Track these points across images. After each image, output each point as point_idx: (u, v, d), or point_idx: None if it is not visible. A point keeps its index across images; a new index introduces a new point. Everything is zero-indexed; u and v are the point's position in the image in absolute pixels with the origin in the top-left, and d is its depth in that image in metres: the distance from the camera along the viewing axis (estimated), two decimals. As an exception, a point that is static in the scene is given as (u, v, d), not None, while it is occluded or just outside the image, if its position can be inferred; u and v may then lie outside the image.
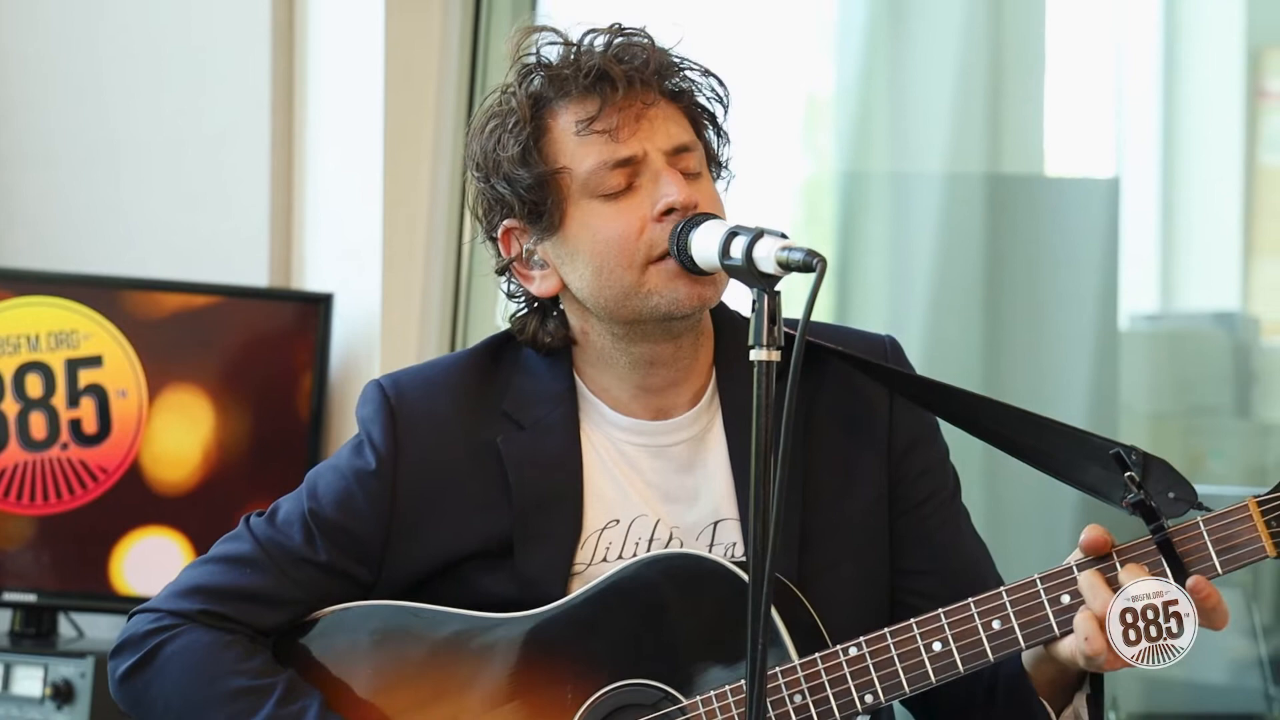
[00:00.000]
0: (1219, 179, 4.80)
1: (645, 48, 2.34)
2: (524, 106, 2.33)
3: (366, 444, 2.43)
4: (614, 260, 2.32)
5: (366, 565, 2.42)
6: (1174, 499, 2.24)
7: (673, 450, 2.42)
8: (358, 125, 3.99)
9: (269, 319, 3.95)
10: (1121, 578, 2.20)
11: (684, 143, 2.34)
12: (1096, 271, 4.45)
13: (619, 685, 2.33)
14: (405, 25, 3.95)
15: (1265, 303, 4.76)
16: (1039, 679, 2.30)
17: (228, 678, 2.37)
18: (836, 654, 2.27)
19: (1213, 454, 4.54)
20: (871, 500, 2.42)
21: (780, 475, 2.05)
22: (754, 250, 2.15)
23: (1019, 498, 4.15)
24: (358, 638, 2.41)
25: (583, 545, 2.40)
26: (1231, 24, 4.80)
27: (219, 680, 2.37)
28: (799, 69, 4.53)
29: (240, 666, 2.38)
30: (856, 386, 2.43)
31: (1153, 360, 4.65)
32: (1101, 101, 4.76)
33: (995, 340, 4.41)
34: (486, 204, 2.40)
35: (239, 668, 2.38)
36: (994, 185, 4.39)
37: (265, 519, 2.46)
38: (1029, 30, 4.50)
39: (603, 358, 2.41)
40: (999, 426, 2.38)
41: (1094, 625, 2.18)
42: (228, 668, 2.38)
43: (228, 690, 2.37)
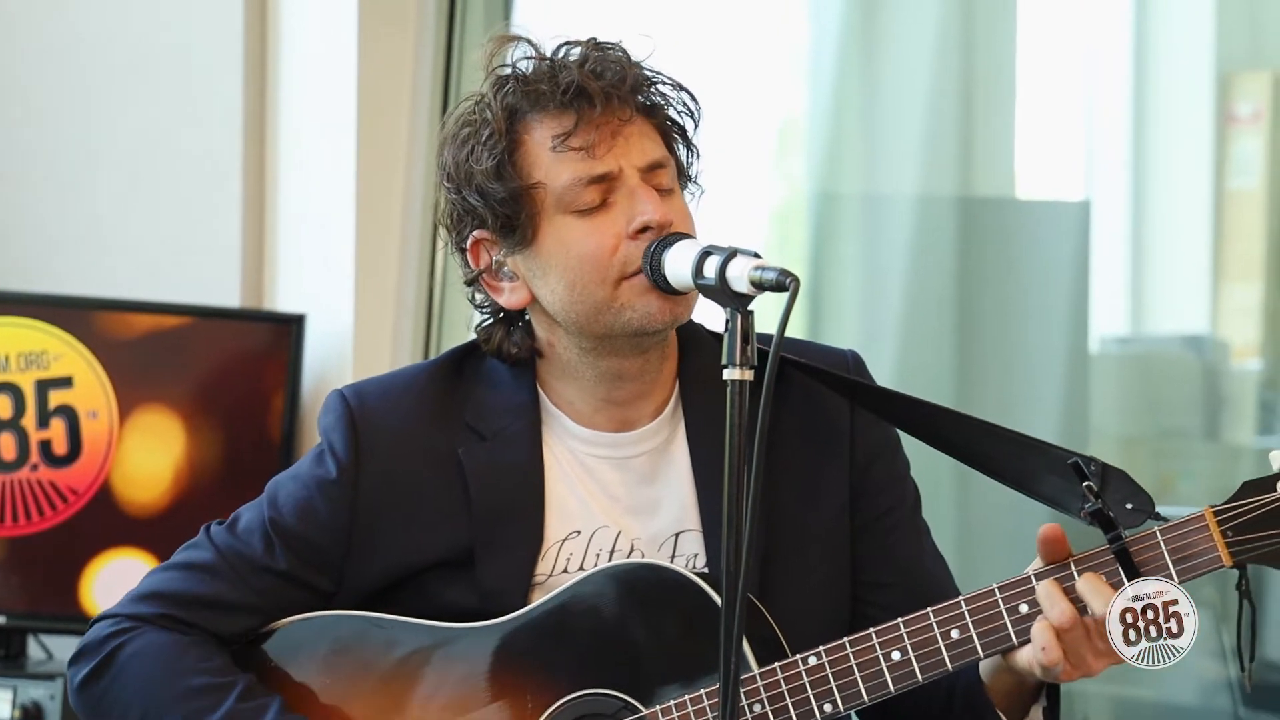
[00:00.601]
0: (1188, 203, 4.82)
1: (621, 62, 2.35)
2: (499, 119, 2.34)
3: (328, 453, 2.44)
4: (587, 276, 2.32)
5: (327, 575, 2.42)
6: (1131, 509, 2.24)
7: (635, 462, 2.42)
8: (331, 145, 4.00)
9: (241, 340, 3.96)
10: (1079, 587, 2.20)
11: (658, 159, 2.35)
12: (1067, 294, 4.47)
13: (578, 695, 2.33)
14: (378, 45, 3.96)
15: (1234, 326, 4.78)
16: (996, 690, 2.30)
17: (188, 675, 2.37)
18: (796, 663, 2.27)
19: (1182, 476, 4.55)
20: (833, 513, 2.42)
21: (753, 493, 2.06)
22: (727, 270, 2.16)
23: (988, 509, 4.17)
24: (317, 647, 2.41)
25: (543, 556, 2.40)
26: (1201, 49, 4.83)
27: (179, 678, 2.37)
28: (771, 92, 4.55)
29: (200, 665, 2.38)
30: (819, 400, 2.44)
31: (1123, 383, 4.67)
32: (1072, 125, 4.78)
33: (967, 363, 4.42)
34: (457, 215, 2.40)
35: (199, 666, 2.38)
36: (965, 208, 4.41)
37: (226, 528, 2.46)
38: (1000, 54, 4.53)
39: (568, 370, 2.41)
40: (959, 437, 2.39)
41: (1051, 635, 2.19)
42: (188, 666, 2.38)
43: (188, 687, 2.36)
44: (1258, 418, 4.68)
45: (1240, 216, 4.77)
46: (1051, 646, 2.18)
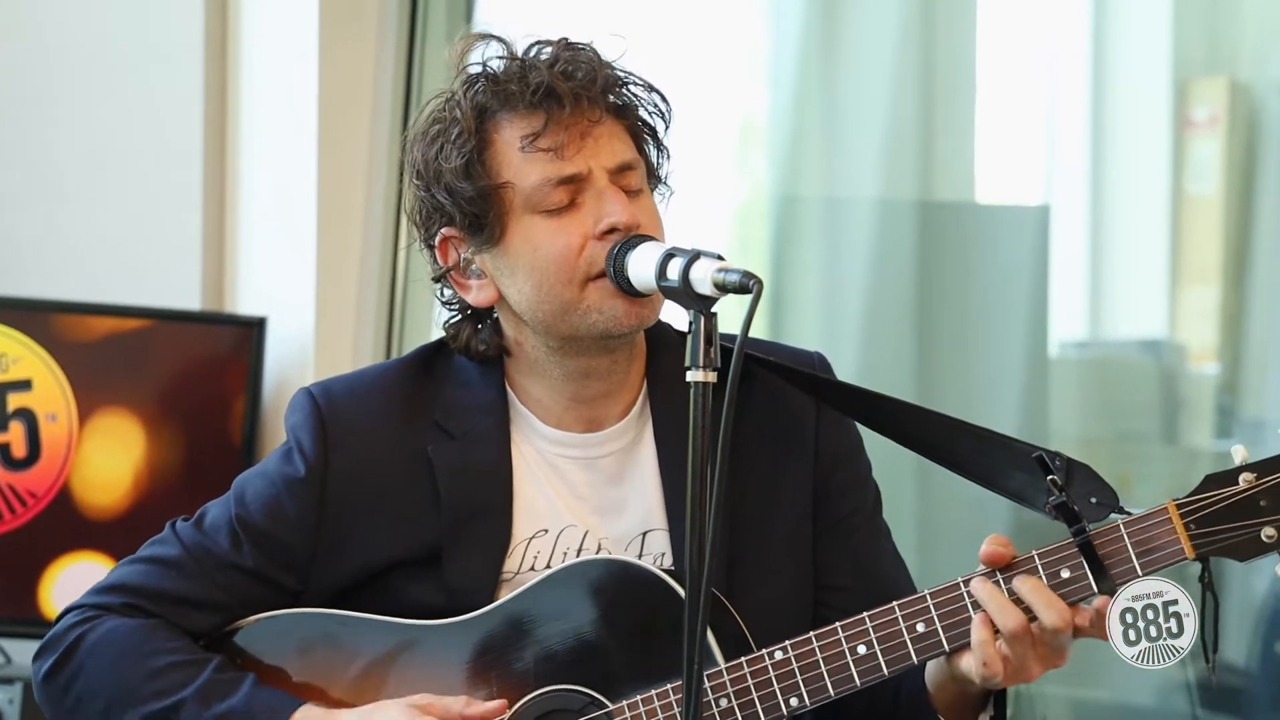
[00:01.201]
0: (1146, 207, 4.85)
1: (592, 63, 2.35)
2: (468, 118, 2.34)
3: (296, 451, 2.43)
4: (553, 276, 2.33)
5: (294, 573, 2.42)
6: (1096, 503, 2.26)
7: (602, 462, 2.43)
8: (292, 146, 3.99)
9: (201, 342, 3.95)
10: (1021, 592, 2.21)
11: (627, 160, 2.35)
12: (1026, 298, 4.49)
13: (545, 691, 2.33)
14: (340, 46, 3.96)
15: (1191, 330, 4.81)
16: (941, 700, 2.31)
17: (157, 655, 2.36)
18: (762, 658, 2.28)
19: (1140, 479, 4.58)
20: (797, 515, 2.43)
21: (718, 494, 2.06)
22: (690, 272, 2.17)
23: (948, 506, 4.19)
24: (284, 645, 2.40)
25: (511, 554, 2.40)
26: (1158, 55, 4.86)
27: (147, 659, 2.36)
28: (732, 95, 4.57)
29: (169, 645, 2.37)
30: (784, 400, 2.45)
31: (1081, 386, 4.69)
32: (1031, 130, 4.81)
33: (926, 366, 4.44)
34: (425, 212, 2.40)
35: (168, 645, 2.37)
36: (925, 212, 4.44)
37: (192, 524, 2.45)
38: (960, 58, 4.55)
39: (536, 368, 2.42)
40: (924, 433, 2.40)
41: (986, 632, 2.20)
42: (156, 646, 2.37)
43: (158, 666, 2.36)
44: (1215, 421, 4.71)
45: (1197, 221, 4.80)
46: (993, 661, 2.19)
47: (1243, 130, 4.75)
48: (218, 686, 2.34)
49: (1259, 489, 2.18)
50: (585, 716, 2.32)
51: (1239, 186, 4.75)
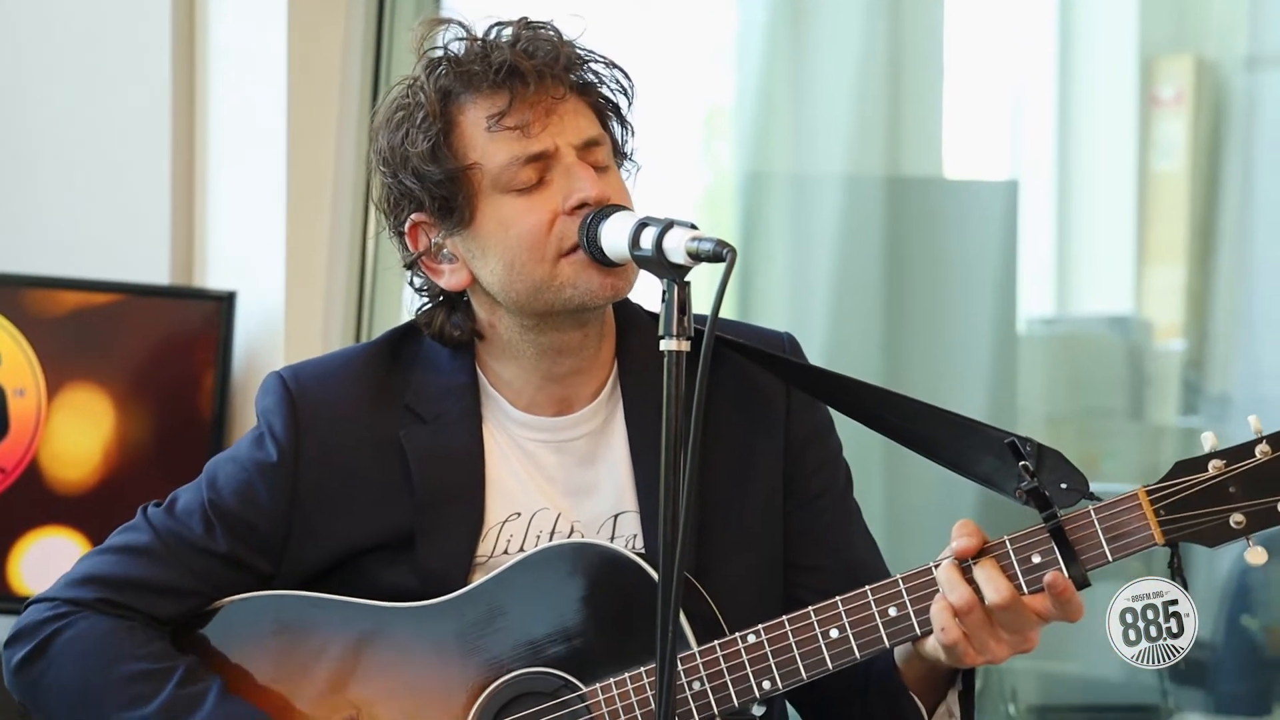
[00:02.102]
0: (1113, 184, 4.88)
1: (553, 41, 2.35)
2: (432, 101, 2.33)
3: (267, 436, 2.43)
4: (526, 254, 2.33)
5: (267, 557, 2.42)
6: (1066, 489, 2.27)
7: (574, 445, 2.43)
8: (260, 121, 3.98)
9: (170, 317, 3.93)
10: (975, 574, 2.22)
11: (593, 136, 2.35)
12: (994, 274, 4.51)
13: (518, 674, 2.34)
14: (308, 20, 3.94)
15: (1157, 307, 4.84)
16: (910, 676, 2.33)
17: (126, 662, 2.36)
18: (735, 641, 2.29)
19: (1106, 455, 4.61)
20: (767, 493, 2.44)
21: (691, 465, 2.07)
22: (664, 241, 2.16)
23: (917, 489, 4.21)
24: (257, 628, 2.41)
25: (484, 538, 2.40)
26: (1124, 33, 4.88)
27: (116, 665, 2.36)
28: (701, 73, 4.57)
29: (139, 651, 2.37)
30: (754, 380, 2.45)
31: (1049, 363, 4.72)
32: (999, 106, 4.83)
33: (895, 342, 4.46)
34: (394, 198, 2.39)
35: (137, 652, 2.37)
36: (894, 187, 4.45)
37: (163, 510, 2.45)
38: (928, 36, 4.56)
39: (509, 349, 2.42)
40: (895, 417, 2.41)
41: (949, 616, 2.21)
42: (126, 652, 2.37)
43: (126, 674, 2.36)
44: (1181, 397, 4.75)
45: (1163, 198, 4.83)
46: (950, 627, 2.21)
47: (1208, 108, 4.78)
48: (181, 701, 2.34)
49: (1228, 475, 2.19)
50: (558, 699, 2.33)
51: (1204, 164, 4.77)
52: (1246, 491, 2.18)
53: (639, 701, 2.30)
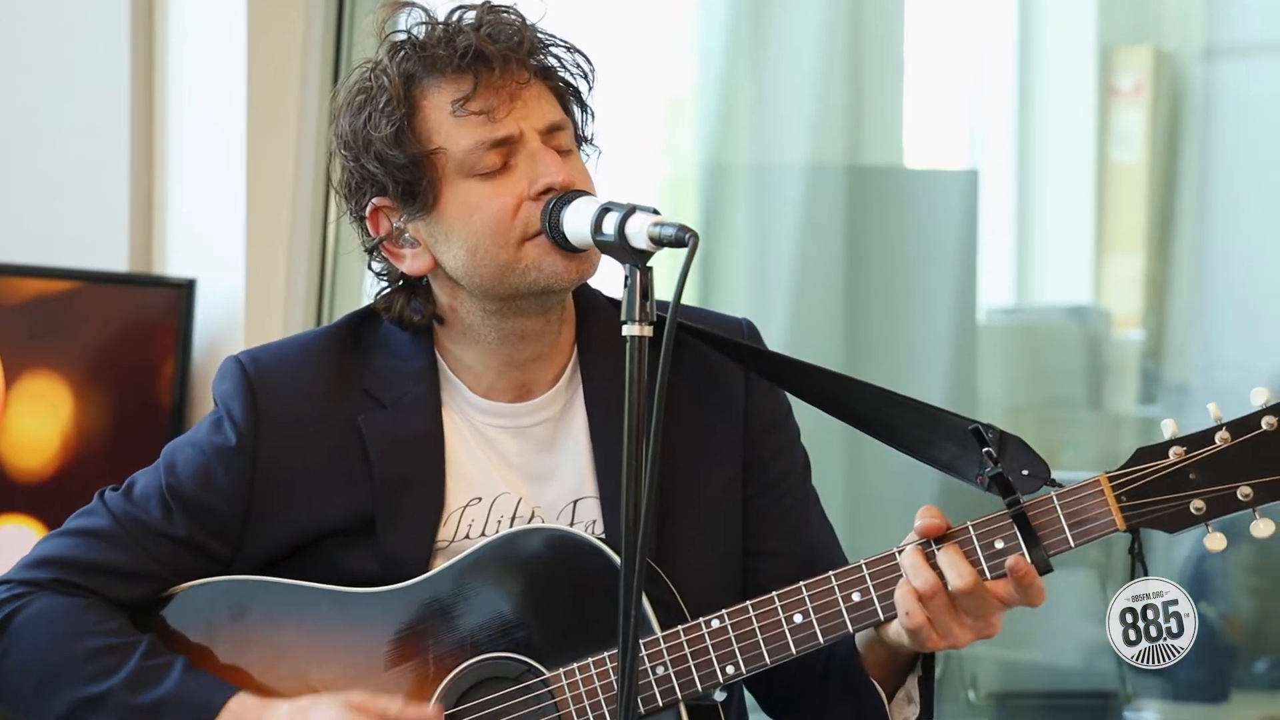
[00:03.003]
0: (1072, 174, 4.90)
1: (516, 25, 2.34)
2: (396, 85, 2.32)
3: (226, 420, 2.42)
4: (490, 239, 2.32)
5: (225, 541, 2.41)
6: (1028, 475, 2.27)
7: (533, 431, 2.43)
8: (220, 106, 3.96)
9: (130, 305, 3.91)
10: (939, 559, 2.23)
11: (557, 121, 2.35)
12: (955, 263, 4.53)
13: (481, 659, 2.33)
14: (269, 5, 3.93)
15: (1116, 297, 4.87)
16: (871, 661, 2.33)
17: (87, 638, 2.35)
18: (699, 626, 2.29)
19: (1066, 445, 4.64)
20: (726, 479, 2.44)
21: (654, 450, 2.07)
22: (626, 226, 2.16)
23: (878, 476, 4.22)
24: (216, 613, 2.40)
25: (445, 523, 2.40)
26: (1084, 22, 4.90)
27: (77, 641, 2.35)
28: (662, 62, 4.57)
29: (99, 627, 2.36)
30: (714, 366, 2.45)
31: (1008, 353, 4.74)
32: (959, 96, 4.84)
33: (855, 331, 4.47)
34: (355, 183, 2.38)
35: (98, 628, 2.36)
36: (854, 176, 4.46)
37: (121, 494, 2.43)
38: (888, 25, 4.57)
39: (469, 333, 2.41)
40: (855, 404, 2.42)
41: (913, 600, 2.22)
42: (86, 629, 2.35)
43: (89, 649, 2.34)
44: (1139, 387, 4.78)
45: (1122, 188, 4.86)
46: (915, 611, 2.21)
47: (1167, 98, 4.81)
48: (148, 673, 2.33)
49: (1189, 462, 2.20)
50: (521, 684, 2.32)
51: (1163, 154, 4.80)
52: (1206, 478, 2.19)
53: (602, 686, 2.30)
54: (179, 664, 2.34)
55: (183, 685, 2.33)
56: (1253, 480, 2.18)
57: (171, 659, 2.35)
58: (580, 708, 2.30)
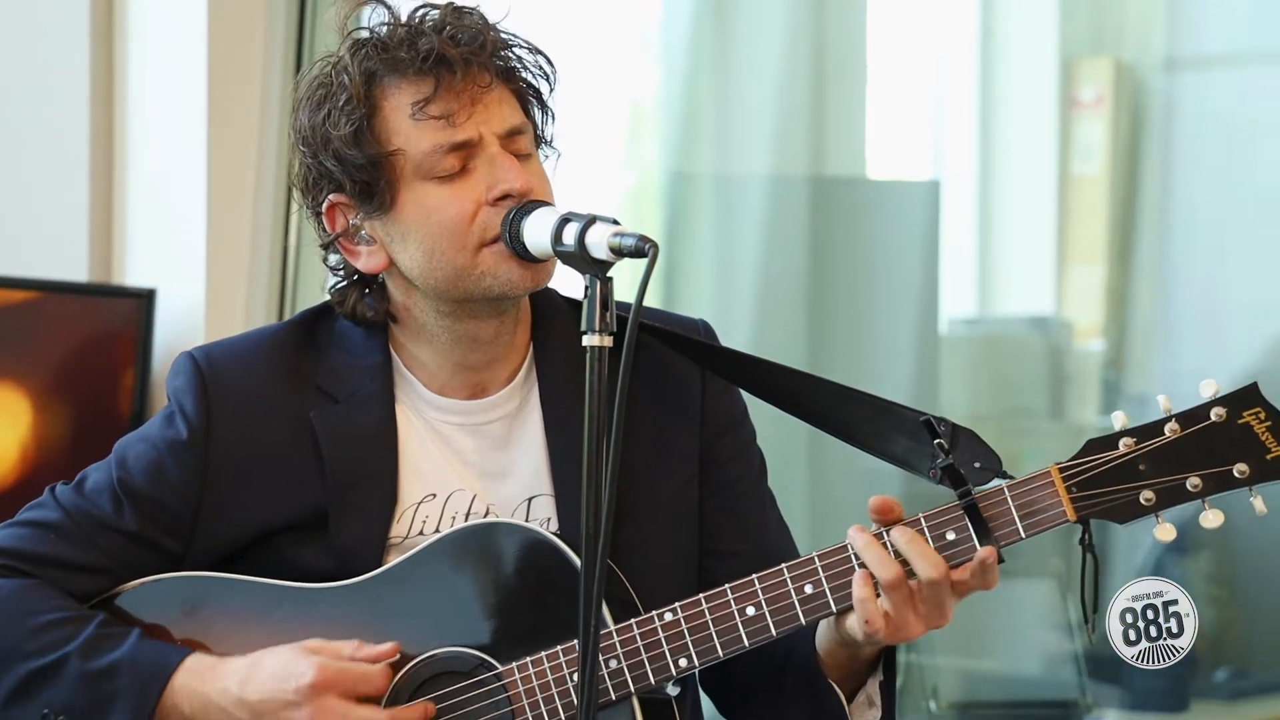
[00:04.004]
0: (1033, 185, 4.92)
1: (479, 27, 2.34)
2: (356, 84, 2.32)
3: (178, 414, 2.41)
4: (446, 243, 2.32)
5: (177, 536, 2.40)
6: (979, 467, 2.28)
7: (488, 428, 2.43)
8: (181, 116, 3.95)
9: (89, 315, 3.90)
10: (897, 543, 2.23)
11: (517, 125, 2.35)
12: (917, 274, 4.54)
13: (435, 653, 2.33)
14: (229, 12, 3.92)
15: (1077, 307, 4.89)
16: (831, 664, 2.33)
17: (39, 614, 2.34)
18: (651, 619, 2.29)
19: (1028, 454, 4.64)
20: (682, 480, 2.44)
21: (613, 459, 2.07)
22: (586, 236, 2.17)
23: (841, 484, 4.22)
24: (167, 609, 2.38)
25: (399, 519, 2.40)
26: (1045, 35, 4.93)
27: (28, 618, 2.33)
28: (624, 74, 4.58)
29: (50, 604, 2.35)
30: (671, 367, 2.46)
31: (970, 363, 4.75)
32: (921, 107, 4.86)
33: (818, 342, 4.48)
34: (312, 178, 2.38)
35: (49, 604, 2.35)
36: (817, 187, 4.47)
37: (72, 488, 2.43)
38: (851, 36, 4.59)
39: (423, 333, 2.41)
40: (810, 400, 2.42)
41: (867, 589, 2.22)
42: (37, 607, 2.34)
43: (40, 624, 2.33)
44: (1100, 397, 4.80)
45: (1083, 199, 4.88)
46: (874, 617, 2.21)
47: (1127, 110, 4.83)
48: (102, 640, 2.32)
49: (1138, 453, 2.21)
50: (475, 678, 2.32)
51: (1123, 166, 4.83)
52: (1156, 469, 2.20)
53: (555, 680, 2.30)
54: (134, 632, 2.34)
55: (138, 649, 2.32)
56: (1201, 471, 2.19)
57: (127, 629, 2.34)
58: (533, 701, 2.30)
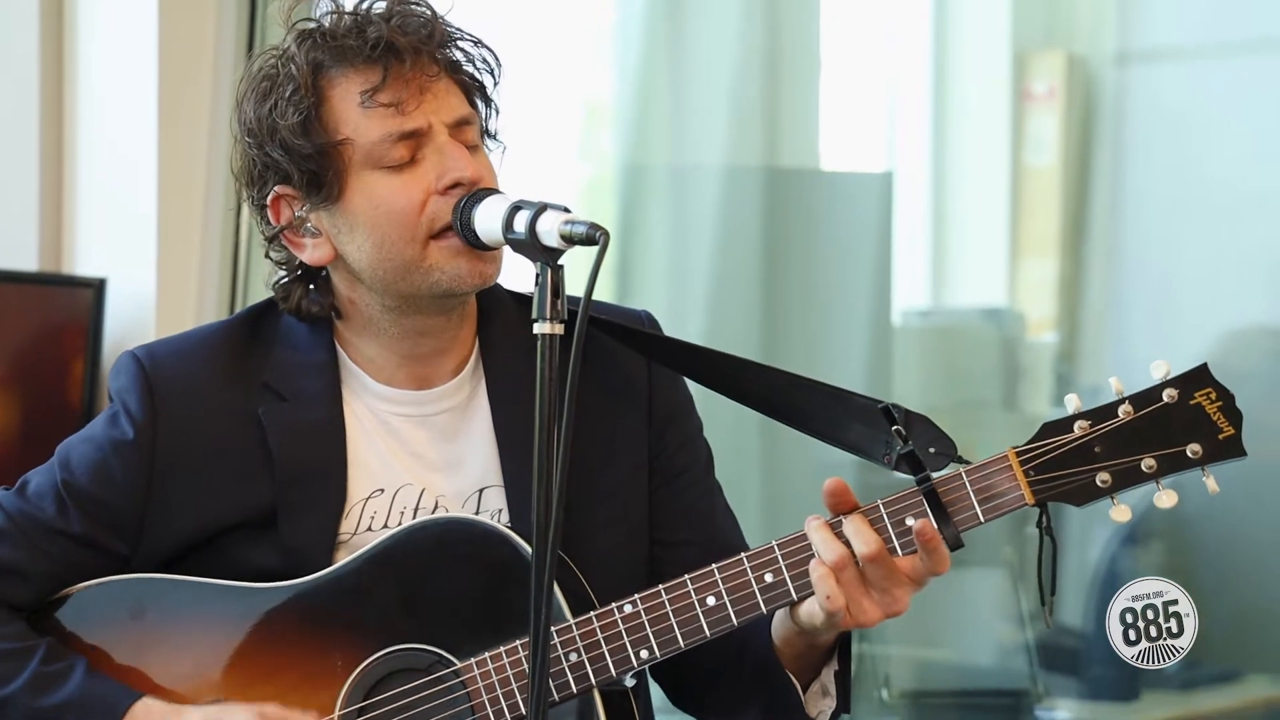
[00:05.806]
0: (986, 178, 4.94)
1: (426, 17, 2.34)
2: (304, 74, 2.30)
3: (123, 414, 2.38)
4: (395, 233, 2.30)
5: (122, 538, 2.37)
6: (935, 453, 2.28)
7: (436, 419, 2.41)
8: (131, 103, 3.93)
9: (39, 304, 3.88)
10: (845, 529, 2.23)
11: (465, 115, 2.34)
12: (870, 265, 4.55)
13: (390, 651, 2.31)
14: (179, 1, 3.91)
15: (1030, 299, 4.91)
16: (789, 653, 2.32)
17: None
18: (611, 611, 2.28)
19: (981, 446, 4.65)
20: (630, 470, 2.43)
21: (564, 447, 2.05)
22: (538, 224, 2.16)
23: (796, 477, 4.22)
24: (115, 612, 2.35)
25: (347, 515, 2.37)
26: (998, 28, 4.95)
27: None
28: (578, 66, 4.57)
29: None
30: (617, 358, 2.45)
31: (923, 354, 4.76)
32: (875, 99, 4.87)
33: (772, 333, 4.48)
34: (258, 170, 2.35)
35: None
36: (771, 178, 4.47)
37: (14, 492, 2.39)
38: (804, 28, 4.59)
39: (369, 327, 2.39)
40: (762, 389, 2.41)
41: (831, 581, 2.21)
42: None
43: None
44: (1053, 388, 4.81)
45: (1036, 192, 4.90)
46: (835, 595, 2.21)
47: (1079, 103, 4.85)
48: (47, 678, 2.29)
49: (1093, 435, 2.22)
50: (432, 675, 2.30)
51: (1075, 158, 4.85)
52: (1111, 451, 2.21)
53: (515, 674, 2.28)
54: (80, 666, 2.31)
55: (86, 689, 2.29)
56: (1156, 452, 2.20)
57: (72, 662, 2.31)
58: (493, 696, 2.28)
